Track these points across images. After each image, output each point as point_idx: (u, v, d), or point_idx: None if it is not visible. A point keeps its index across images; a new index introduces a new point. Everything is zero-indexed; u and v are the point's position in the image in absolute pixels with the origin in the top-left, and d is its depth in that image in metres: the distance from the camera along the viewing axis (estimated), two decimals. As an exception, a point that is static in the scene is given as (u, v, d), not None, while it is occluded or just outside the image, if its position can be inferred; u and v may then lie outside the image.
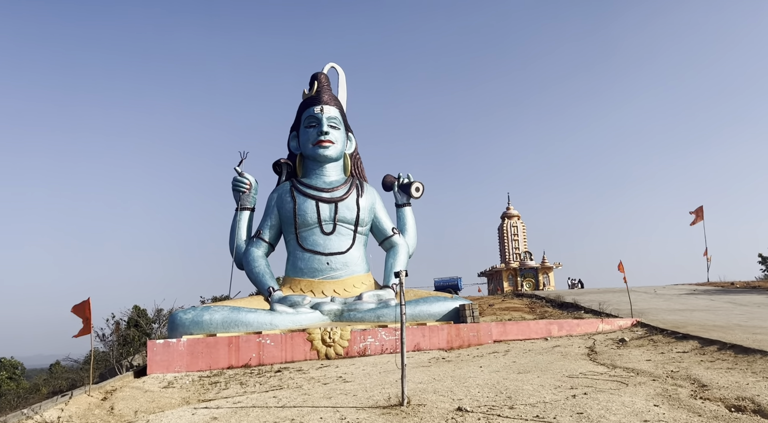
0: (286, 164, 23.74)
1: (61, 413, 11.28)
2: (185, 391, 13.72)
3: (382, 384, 11.93)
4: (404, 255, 23.34)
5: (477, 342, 19.67)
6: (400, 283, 9.27)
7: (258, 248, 22.62)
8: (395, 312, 20.65)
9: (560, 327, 20.10)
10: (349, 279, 22.41)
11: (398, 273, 9.28)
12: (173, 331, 19.47)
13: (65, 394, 19.39)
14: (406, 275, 9.20)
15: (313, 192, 22.76)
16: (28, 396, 46.99)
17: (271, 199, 23.28)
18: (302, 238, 22.51)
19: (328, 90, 23.99)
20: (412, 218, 24.58)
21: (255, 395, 11.94)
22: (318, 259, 22.27)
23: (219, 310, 19.80)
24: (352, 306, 20.93)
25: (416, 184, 24.17)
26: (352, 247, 22.74)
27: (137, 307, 37.03)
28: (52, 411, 11.39)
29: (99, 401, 13.09)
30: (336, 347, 18.92)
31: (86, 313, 13.93)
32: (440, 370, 13.58)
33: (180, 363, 17.79)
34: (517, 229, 69.58)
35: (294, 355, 18.66)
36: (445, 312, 20.83)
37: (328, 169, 23.41)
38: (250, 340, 18.48)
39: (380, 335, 19.30)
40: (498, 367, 13.31)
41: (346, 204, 22.79)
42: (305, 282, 22.18)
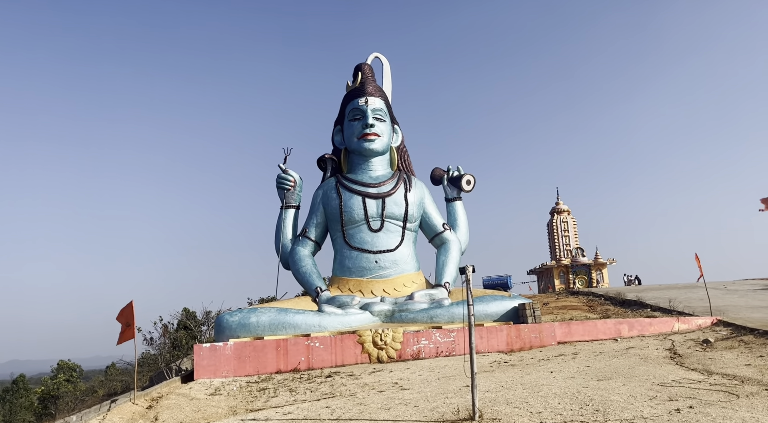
0: (331, 159, 22.86)
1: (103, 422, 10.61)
2: (232, 399, 12.92)
3: (445, 392, 10.78)
4: (456, 252, 22.08)
5: (539, 344, 18.25)
6: (467, 280, 8.11)
7: (304, 247, 21.80)
8: (449, 312, 19.45)
9: (630, 327, 18.45)
10: (399, 278, 21.31)
11: (464, 268, 8.12)
12: (220, 334, 18.84)
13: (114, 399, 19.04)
14: (473, 271, 8.05)
15: (359, 187, 21.78)
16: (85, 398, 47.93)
17: (316, 196, 22.43)
18: (349, 236, 21.55)
19: (372, 81, 22.98)
20: (464, 213, 23.29)
21: (306, 405, 10.99)
22: (366, 257, 21.27)
23: (266, 311, 19.06)
24: (403, 306, 19.83)
25: (467, 177, 22.88)
26: (401, 244, 21.63)
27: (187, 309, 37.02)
28: (93, 421, 10.73)
29: (143, 410, 12.42)
30: (388, 350, 17.87)
31: (129, 317, 13.32)
32: (506, 376, 12.32)
33: (227, 367, 17.10)
34: (567, 225, 67.05)
35: (344, 359, 17.72)
36: (503, 312, 19.48)
37: (374, 163, 22.39)
38: (299, 343, 17.63)
39: (435, 337, 18.14)
40: (572, 373, 11.95)
41: (394, 199, 21.70)
42: (353, 281, 21.22)
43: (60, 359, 64.09)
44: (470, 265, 8.08)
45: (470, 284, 8.11)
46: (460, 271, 8.18)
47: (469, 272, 8.07)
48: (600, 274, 63.82)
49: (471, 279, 8.13)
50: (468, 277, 8.09)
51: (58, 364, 63.00)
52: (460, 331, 18.25)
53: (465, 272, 8.10)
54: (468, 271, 8.07)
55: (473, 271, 8.05)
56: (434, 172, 23.75)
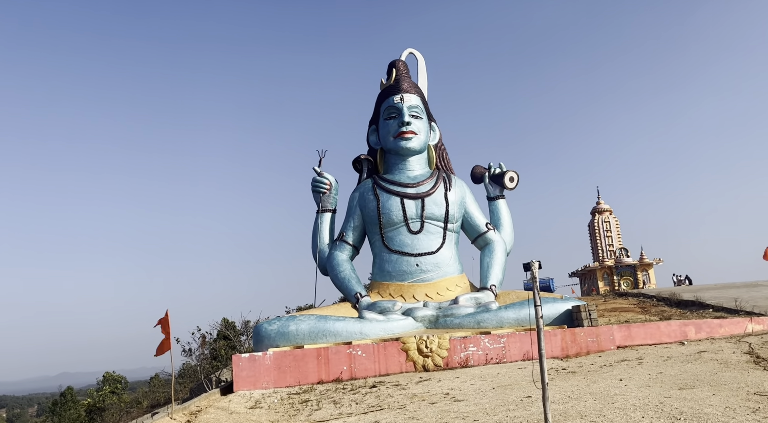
0: (367, 160, 22.08)
1: (138, 442, 9.94)
2: (273, 413, 12.16)
3: (505, 404, 9.77)
4: (501, 253, 20.96)
5: (597, 348, 16.97)
6: (533, 277, 7.14)
7: (342, 252, 21.03)
8: (498, 316, 18.34)
9: (698, 328, 17.00)
10: (442, 281, 20.31)
11: (530, 263, 7.15)
12: (259, 343, 18.19)
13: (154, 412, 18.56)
14: (539, 267, 7.07)
15: (396, 188, 20.91)
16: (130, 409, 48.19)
17: (352, 199, 21.66)
18: (388, 239, 20.68)
19: (407, 77, 22.14)
20: (507, 212, 22.14)
21: (352, 419, 10.13)
22: (406, 260, 20.34)
23: (305, 319, 18.33)
24: (448, 311, 18.81)
25: (510, 174, 21.75)
26: (443, 246, 20.63)
27: (226, 319, 36.74)
28: (128, 439, 10.09)
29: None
30: (434, 358, 16.88)
31: (165, 327, 12.74)
32: (569, 385, 11.20)
33: (267, 378, 16.41)
34: (609, 225, 64.72)
35: (388, 368, 16.81)
36: (556, 315, 18.26)
37: (412, 162, 21.50)
38: (340, 351, 16.82)
39: (483, 343, 17.06)
40: (644, 381, 10.76)
41: (434, 199, 20.74)
42: (394, 286, 20.31)
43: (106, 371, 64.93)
44: (536, 261, 7.12)
45: (537, 281, 7.14)
46: (525, 268, 7.23)
47: (535, 268, 7.11)
48: (646, 275, 61.33)
49: (537, 276, 7.14)
50: (534, 273, 7.13)
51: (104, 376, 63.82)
52: (510, 337, 17.14)
53: (530, 268, 7.14)
54: (534, 267, 7.11)
55: (540, 267, 7.09)
56: (475, 170, 22.71)
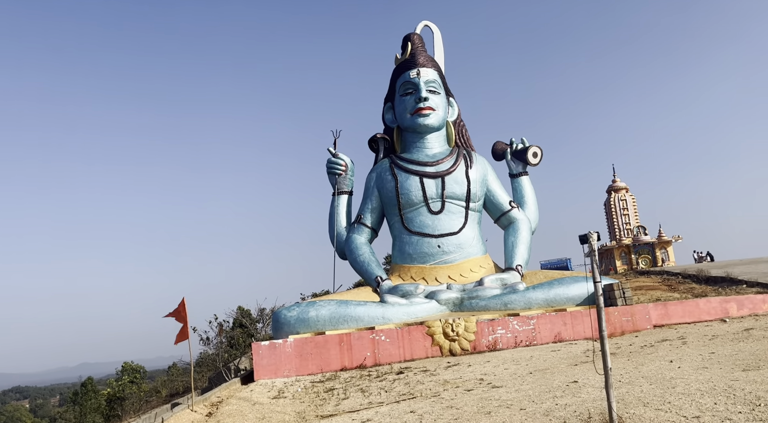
0: (383, 139, 21.25)
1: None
2: (299, 403, 11.55)
3: (550, 390, 9.06)
4: (527, 231, 20.14)
5: (632, 328, 16.20)
6: (591, 251, 6.35)
7: (360, 235, 20.33)
8: (525, 297, 17.60)
9: (740, 305, 16.15)
10: (465, 262, 19.57)
11: (587, 235, 6.37)
12: (278, 330, 17.61)
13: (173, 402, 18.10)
14: (598, 238, 6.29)
15: (415, 167, 20.10)
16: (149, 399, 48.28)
17: (369, 180, 20.89)
18: (408, 220, 19.93)
19: (423, 51, 21.22)
20: (531, 189, 21.29)
21: (385, 409, 9.47)
22: (427, 242, 19.61)
23: (325, 305, 17.70)
24: (473, 293, 18.10)
25: (533, 149, 20.86)
26: (465, 226, 19.85)
27: (241, 307, 36.36)
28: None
29: (203, 418, 11.21)
30: (461, 341, 16.20)
31: (182, 315, 12.14)
32: (616, 368, 10.46)
33: (288, 366, 15.83)
34: (626, 203, 63.53)
35: (413, 353, 16.16)
36: (587, 295, 17.46)
37: (430, 140, 20.66)
38: (363, 337, 16.18)
39: (512, 325, 16.34)
40: (698, 362, 9.99)
41: (454, 177, 19.92)
42: (415, 269, 19.61)
43: (124, 361, 65.24)
44: (594, 232, 6.34)
45: (596, 255, 6.36)
46: (582, 240, 6.44)
47: (593, 240, 6.32)
48: (665, 253, 60.26)
49: (596, 249, 6.37)
50: (592, 246, 6.35)
51: (123, 366, 64.11)
52: (540, 318, 16.40)
53: (588, 240, 6.35)
54: (592, 239, 6.33)
55: (598, 239, 6.30)
56: (496, 146, 21.84)
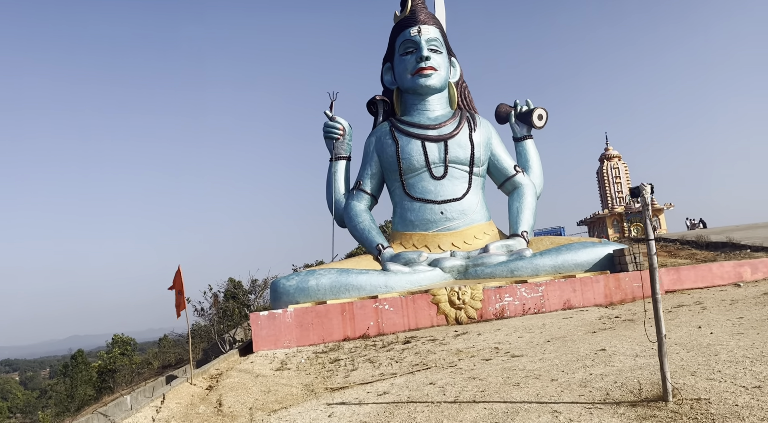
0: (382, 102, 20.31)
1: (157, 414, 8.73)
2: (304, 375, 10.96)
3: (577, 359, 8.50)
4: (532, 197, 19.50)
5: (643, 294, 15.72)
6: (644, 204, 5.66)
7: (359, 201, 19.57)
8: (533, 264, 17.06)
9: (754, 269, 15.74)
10: (468, 229, 18.93)
11: (639, 187, 5.67)
12: (277, 300, 16.96)
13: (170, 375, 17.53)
14: (651, 191, 5.61)
15: (417, 130, 19.25)
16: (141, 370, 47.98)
17: (368, 144, 20.03)
18: (409, 186, 19.18)
19: (423, 8, 20.13)
20: (536, 153, 20.56)
21: (400, 380, 8.89)
22: (430, 208, 18.91)
23: (326, 273, 17.04)
24: (478, 260, 17.52)
25: (538, 111, 20.05)
26: (469, 191, 19.15)
27: (232, 279, 35.73)
28: (146, 411, 8.88)
29: (203, 391, 10.59)
30: (467, 310, 15.67)
31: (178, 284, 11.41)
32: (641, 335, 9.92)
33: (289, 337, 15.24)
34: (618, 171, 63.20)
35: (418, 322, 15.62)
36: (596, 260, 16.96)
37: (432, 102, 19.77)
38: (366, 306, 15.59)
39: (520, 293, 15.82)
40: (732, 328, 9.49)
41: (458, 141, 19.13)
42: (417, 236, 18.95)
43: (115, 333, 64.82)
44: (648, 184, 5.64)
45: (649, 209, 5.67)
46: (633, 193, 5.74)
47: (646, 193, 5.62)
48: (657, 221, 60.33)
49: (650, 202, 5.68)
50: (645, 199, 5.65)
51: (113, 338, 63.71)
52: (549, 285, 15.89)
53: (640, 193, 5.66)
54: (645, 191, 5.62)
55: (652, 192, 5.62)
56: (499, 109, 21.01)
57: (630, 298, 15.66)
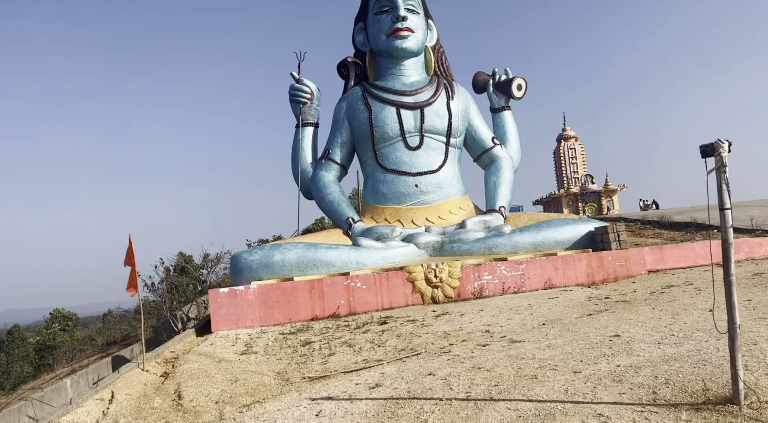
0: (354, 64, 18.88)
1: (103, 409, 7.34)
2: (275, 360, 9.73)
3: (591, 346, 7.62)
4: (509, 171, 18.65)
5: (626, 273, 15.21)
6: (720, 167, 4.66)
7: (328, 172, 18.22)
8: (512, 241, 16.25)
9: (736, 249, 15.40)
10: (444, 204, 17.95)
11: (713, 145, 4.67)
12: (238, 276, 15.56)
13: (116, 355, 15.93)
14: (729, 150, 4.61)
15: (391, 96, 17.97)
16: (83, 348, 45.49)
17: (339, 110, 18.62)
18: (382, 156, 17.96)
19: (400, -37, 18.68)
20: (514, 125, 19.67)
21: (391, 369, 7.79)
22: (404, 180, 17.79)
23: (292, 248, 15.73)
24: (454, 236, 16.57)
25: (518, 81, 19.11)
26: (445, 163, 18.12)
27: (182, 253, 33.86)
28: (89, 405, 7.46)
29: (157, 379, 9.22)
30: (444, 288, 14.74)
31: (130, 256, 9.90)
32: (650, 319, 9.16)
33: (251, 316, 13.94)
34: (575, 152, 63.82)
35: (392, 301, 14.59)
36: (577, 238, 16.31)
37: (408, 66, 18.50)
38: (337, 283, 14.42)
39: (500, 271, 14.99)
40: (753, 312, 8.80)
41: (435, 109, 17.98)
42: (390, 210, 17.83)
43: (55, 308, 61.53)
44: (725, 140, 4.64)
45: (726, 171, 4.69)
46: (704, 152, 4.72)
47: (723, 151, 4.61)
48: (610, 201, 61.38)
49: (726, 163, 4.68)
50: (723, 158, 4.64)
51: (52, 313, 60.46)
52: (529, 263, 15.11)
53: (717, 151, 4.65)
54: (722, 149, 4.61)
55: (729, 151, 4.64)
56: (477, 77, 19.95)
57: (612, 277, 15.08)
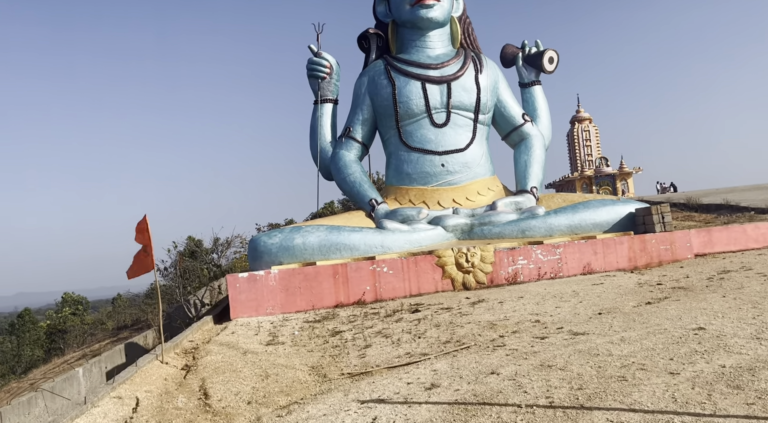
0: (376, 35, 17.80)
1: (122, 409, 6.51)
2: (306, 352, 8.89)
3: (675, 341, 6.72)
4: (541, 149, 17.61)
5: (671, 258, 14.25)
6: None
7: (349, 151, 17.26)
8: (547, 223, 15.29)
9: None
10: (472, 184, 16.96)
11: None
12: (256, 260, 14.72)
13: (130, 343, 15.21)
14: None
15: (416, 70, 16.91)
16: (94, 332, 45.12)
17: (360, 85, 17.58)
18: (406, 134, 16.96)
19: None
20: (545, 100, 18.57)
21: (441, 365, 6.92)
22: (429, 160, 16.79)
23: (313, 230, 14.84)
24: (484, 218, 15.62)
25: (549, 54, 17.99)
26: (473, 141, 17.09)
27: (191, 237, 33.20)
28: (106, 404, 6.63)
29: (179, 373, 8.41)
30: (476, 273, 13.84)
31: (145, 236, 9.03)
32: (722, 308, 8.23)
33: (272, 302, 13.12)
34: (589, 134, 62.49)
35: (420, 287, 13.73)
36: (616, 220, 15.32)
37: (433, 38, 17.41)
38: (362, 268, 13.55)
39: (535, 255, 14.06)
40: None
41: (462, 84, 16.92)
42: (415, 191, 16.87)
43: (65, 292, 61.36)
44: None
45: None
46: None
47: None
48: (625, 184, 60.17)
49: None
50: None
51: (63, 297, 60.29)
52: (567, 247, 14.17)
53: None
54: None
55: None
56: (505, 50, 18.82)
57: (656, 262, 14.13)
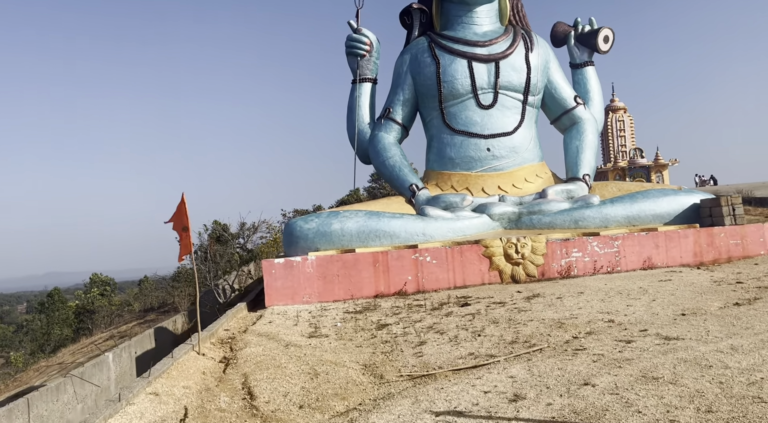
0: (420, 11, 16.78)
1: (160, 408, 5.78)
2: (353, 346, 8.09)
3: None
4: (593, 135, 16.49)
5: (741, 253, 13.12)
6: None
7: (388, 133, 16.35)
8: (602, 213, 14.22)
9: None
10: (519, 170, 15.93)
11: None
12: (292, 245, 13.96)
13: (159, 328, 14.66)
14: None
15: (462, 47, 15.87)
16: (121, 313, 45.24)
17: (401, 63, 16.61)
18: (450, 116, 15.98)
19: None
20: (597, 82, 17.38)
21: (518, 370, 6.05)
22: (474, 143, 15.79)
23: (351, 216, 14.01)
24: (534, 207, 14.62)
25: (605, 32, 16.78)
26: (521, 125, 16.04)
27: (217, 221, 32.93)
28: (142, 401, 5.91)
29: (217, 366, 7.68)
30: (526, 266, 12.90)
31: (184, 217, 8.32)
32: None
33: (309, 290, 12.38)
34: (623, 124, 60.40)
35: (466, 278, 12.84)
36: (679, 211, 14.18)
37: (480, 14, 16.34)
38: (404, 257, 12.71)
39: (591, 247, 13.05)
40: None
41: (511, 63, 15.84)
42: (458, 176, 15.91)
43: (93, 273, 61.97)
44: None
45: None
46: None
47: None
48: (660, 177, 58.13)
49: None
50: None
51: (91, 277, 60.91)
52: (626, 239, 13.12)
53: None
54: None
55: None
56: (556, 28, 17.64)
57: (725, 257, 13.01)
